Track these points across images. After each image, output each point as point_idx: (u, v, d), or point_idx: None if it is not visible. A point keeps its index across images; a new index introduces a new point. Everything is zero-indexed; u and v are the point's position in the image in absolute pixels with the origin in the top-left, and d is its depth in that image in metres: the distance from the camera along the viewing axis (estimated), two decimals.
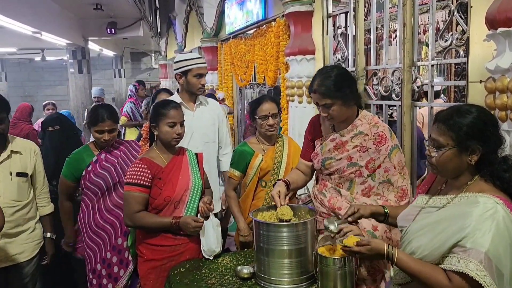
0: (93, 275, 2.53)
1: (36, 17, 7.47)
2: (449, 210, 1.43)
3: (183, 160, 2.31)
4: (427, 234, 1.43)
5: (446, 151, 1.41)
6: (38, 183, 2.56)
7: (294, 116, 3.88)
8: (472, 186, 1.43)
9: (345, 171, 2.03)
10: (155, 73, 16.51)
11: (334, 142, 2.06)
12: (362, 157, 2.00)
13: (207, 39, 6.65)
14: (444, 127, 1.41)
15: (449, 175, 1.48)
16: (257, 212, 2.03)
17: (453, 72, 4.95)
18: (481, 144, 1.38)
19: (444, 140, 1.41)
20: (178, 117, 2.22)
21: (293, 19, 3.74)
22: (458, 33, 2.41)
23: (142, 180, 2.14)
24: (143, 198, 2.15)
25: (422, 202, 1.57)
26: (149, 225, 2.15)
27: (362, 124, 2.04)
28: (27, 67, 16.00)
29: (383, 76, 3.06)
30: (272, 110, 2.54)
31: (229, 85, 6.23)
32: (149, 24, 10.37)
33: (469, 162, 1.40)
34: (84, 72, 10.07)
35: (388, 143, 2.01)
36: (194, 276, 2.00)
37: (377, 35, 4.29)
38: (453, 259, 1.34)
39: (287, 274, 1.84)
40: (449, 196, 1.47)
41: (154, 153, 2.25)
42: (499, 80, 1.86)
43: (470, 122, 1.39)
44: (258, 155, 2.57)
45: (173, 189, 2.19)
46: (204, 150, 2.79)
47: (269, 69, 4.51)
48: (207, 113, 2.93)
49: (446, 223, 1.39)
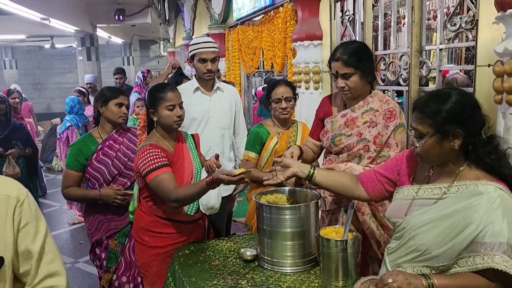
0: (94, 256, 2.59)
1: (44, 3, 7.49)
2: (451, 203, 1.39)
3: (185, 146, 2.28)
4: (432, 230, 1.39)
5: (427, 139, 1.39)
6: None
7: (301, 102, 3.85)
8: (465, 172, 1.40)
9: (354, 147, 2.05)
10: (164, 60, 16.53)
11: (344, 118, 2.10)
12: (371, 132, 2.03)
13: (215, 25, 6.62)
14: (421, 115, 1.39)
15: (436, 162, 1.45)
16: (260, 195, 2.04)
17: (463, 59, 4.87)
18: (461, 128, 1.34)
19: (423, 129, 1.39)
20: (176, 99, 2.16)
21: (301, 4, 3.71)
22: (467, 16, 2.37)
23: (163, 162, 2.06)
24: (173, 175, 2.08)
25: (411, 194, 1.52)
26: (190, 195, 2.03)
27: (373, 101, 2.07)
28: (37, 55, 16.10)
29: (390, 61, 3.02)
30: (285, 93, 2.54)
31: (236, 72, 6.21)
32: (157, 11, 10.34)
33: (453, 147, 1.37)
34: (93, 59, 10.12)
35: (396, 119, 2.03)
36: (198, 258, 2.02)
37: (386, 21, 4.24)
38: (476, 259, 1.30)
39: (289, 256, 1.85)
40: (442, 185, 1.44)
41: (158, 140, 2.18)
42: (508, 63, 1.83)
43: (447, 107, 1.36)
44: (273, 137, 2.59)
45: (181, 178, 2.16)
46: (219, 136, 2.84)
47: (276, 55, 4.49)
48: (224, 99, 2.90)
49: (453, 218, 1.35)
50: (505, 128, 1.87)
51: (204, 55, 2.74)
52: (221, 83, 2.98)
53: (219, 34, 6.60)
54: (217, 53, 2.81)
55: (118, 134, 2.57)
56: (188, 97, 2.83)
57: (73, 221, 5.17)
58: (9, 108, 3.93)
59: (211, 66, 2.76)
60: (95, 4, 9.88)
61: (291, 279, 1.79)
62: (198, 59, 2.76)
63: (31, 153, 4.05)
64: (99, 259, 2.58)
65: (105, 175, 2.50)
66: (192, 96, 2.84)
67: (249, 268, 1.90)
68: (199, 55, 2.75)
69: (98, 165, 2.49)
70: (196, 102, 2.84)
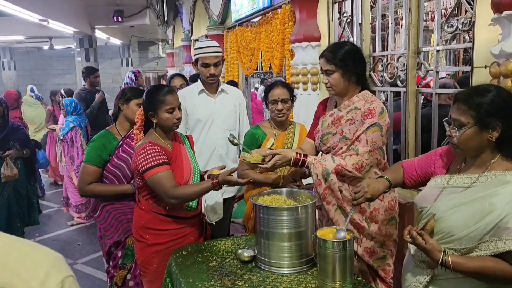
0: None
1: (43, 4, 7.49)
2: (478, 190, 1.45)
3: (182, 146, 2.31)
4: (458, 214, 1.45)
5: (467, 129, 1.45)
6: None
7: (299, 104, 3.85)
8: (496, 164, 1.47)
9: (336, 145, 2.09)
10: (162, 62, 16.52)
11: (332, 117, 2.15)
12: (350, 130, 2.06)
13: (214, 27, 6.62)
14: (465, 106, 1.45)
15: (471, 153, 1.51)
16: (258, 196, 2.05)
17: (461, 60, 4.89)
18: (500, 121, 1.42)
19: (465, 119, 1.45)
20: (176, 101, 2.20)
21: (299, 6, 3.71)
22: (464, 18, 2.38)
23: (163, 160, 2.10)
24: (172, 174, 2.12)
25: (443, 183, 1.59)
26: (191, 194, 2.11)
27: (359, 101, 2.10)
28: (36, 56, 16.09)
29: (388, 63, 3.03)
30: (282, 95, 2.53)
31: (235, 73, 6.21)
32: (156, 12, 10.34)
33: (490, 139, 1.44)
34: (91, 61, 10.10)
35: (373, 118, 2.02)
36: (195, 259, 2.03)
37: (384, 22, 4.25)
38: (498, 243, 1.35)
39: (287, 257, 1.86)
40: (472, 175, 1.50)
41: (156, 139, 2.21)
42: (504, 64, 1.84)
43: (489, 100, 1.42)
44: (269, 138, 2.58)
45: (181, 175, 2.19)
46: (224, 138, 2.84)
47: (275, 56, 4.49)
48: (229, 100, 2.93)
49: (479, 204, 1.41)
50: None
51: (207, 60, 2.76)
52: (225, 85, 3.00)
53: (218, 35, 6.60)
54: (220, 57, 2.83)
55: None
56: (193, 99, 2.89)
57: (71, 223, 5.17)
58: (7, 110, 3.93)
59: (214, 70, 2.78)
60: (94, 5, 9.88)
61: (288, 279, 1.79)
62: (201, 63, 2.79)
63: (29, 154, 4.05)
64: (115, 258, 2.55)
65: (125, 172, 2.49)
66: (196, 98, 2.88)
67: (246, 269, 1.90)
68: (202, 60, 2.77)
69: (118, 161, 2.49)
70: (201, 104, 2.87)
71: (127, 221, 2.49)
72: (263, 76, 7.55)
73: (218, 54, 2.81)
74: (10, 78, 14.81)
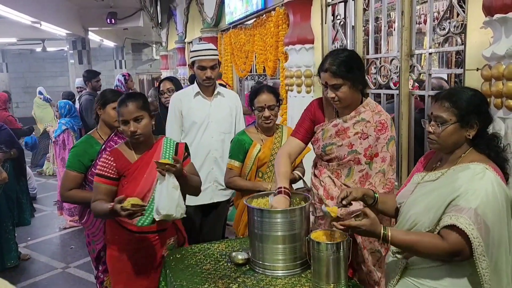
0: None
1: (35, 6, 7.45)
2: (442, 179, 1.56)
3: (156, 152, 2.16)
4: (422, 202, 1.55)
5: (448, 126, 1.52)
6: None
7: (293, 106, 3.87)
8: (465, 157, 1.55)
9: (344, 157, 2.03)
10: (156, 64, 16.48)
11: (336, 128, 2.06)
12: (362, 144, 2.01)
13: (207, 29, 6.62)
14: (448, 104, 1.53)
15: (448, 149, 1.58)
16: (251, 199, 2.04)
17: (454, 62, 4.92)
18: (478, 120, 1.51)
19: (447, 116, 1.52)
20: (128, 114, 2.04)
21: (292, 8, 3.72)
22: (456, 21, 2.40)
23: (108, 173, 2.07)
24: (109, 190, 2.08)
25: (418, 179, 1.67)
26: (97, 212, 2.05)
27: (365, 111, 2.04)
28: (28, 58, 15.97)
29: (381, 65, 3.04)
30: (268, 101, 2.47)
31: (229, 75, 6.21)
32: (150, 14, 10.33)
33: (468, 137, 1.53)
34: (84, 63, 10.07)
35: (388, 132, 2.02)
36: (189, 262, 2.02)
37: (377, 25, 4.27)
38: (445, 218, 1.44)
39: (281, 259, 1.85)
40: (443, 170, 1.59)
41: (123, 147, 2.15)
42: (495, 67, 1.85)
43: (469, 99, 1.51)
44: (256, 144, 2.52)
45: (133, 190, 2.06)
46: (219, 140, 2.86)
47: (268, 59, 4.50)
48: (224, 104, 2.92)
49: (440, 189, 1.51)
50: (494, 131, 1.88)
51: (203, 62, 2.76)
52: (221, 88, 2.99)
53: (212, 37, 6.59)
54: (217, 60, 2.83)
55: (118, 137, 2.51)
56: (189, 102, 2.88)
57: (64, 226, 5.13)
58: None
59: (210, 73, 2.78)
60: (87, 7, 9.84)
61: (282, 282, 1.79)
62: (198, 66, 2.78)
63: (16, 154, 4.01)
64: (104, 263, 2.44)
65: None
66: (192, 101, 2.87)
67: (240, 272, 1.90)
68: (199, 63, 2.77)
69: None
70: (197, 106, 2.86)
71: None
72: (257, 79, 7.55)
73: (215, 57, 2.81)
74: (2, 80, 14.68)
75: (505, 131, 1.84)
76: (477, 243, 1.37)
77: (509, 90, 1.78)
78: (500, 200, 1.41)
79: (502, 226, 1.42)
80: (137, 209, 1.85)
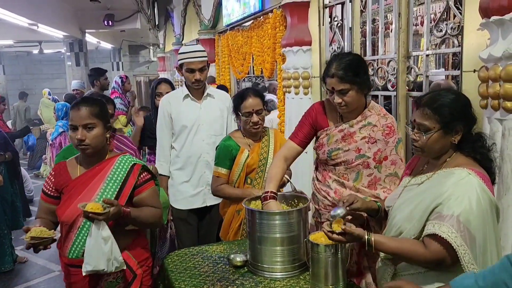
0: None
1: (32, 8, 7.44)
2: (426, 184, 1.55)
3: (104, 170, 1.89)
4: (407, 207, 1.55)
5: (433, 133, 1.50)
6: None
7: (291, 108, 3.88)
8: (449, 162, 1.54)
9: (352, 162, 2.01)
10: (154, 66, 16.43)
11: (342, 133, 2.03)
12: (371, 148, 2.00)
13: (205, 31, 6.61)
14: (429, 111, 1.50)
15: (435, 155, 1.57)
16: (250, 201, 2.04)
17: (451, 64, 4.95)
18: (462, 124, 1.49)
19: (430, 124, 1.50)
20: (78, 119, 1.82)
21: (290, 10, 3.73)
22: (453, 22, 2.41)
23: (47, 189, 1.91)
24: (48, 208, 1.90)
25: (405, 182, 1.67)
26: None
27: (371, 115, 2.03)
28: (25, 60, 15.93)
29: (378, 67, 3.05)
30: (256, 106, 2.37)
31: (226, 77, 6.21)
32: (147, 16, 10.32)
33: (453, 142, 1.51)
34: (81, 65, 10.06)
35: (395, 135, 2.03)
36: (187, 264, 2.01)
37: (375, 27, 4.29)
38: (428, 226, 1.43)
39: (279, 261, 1.85)
40: (428, 174, 1.58)
41: (74, 159, 1.96)
42: (492, 69, 1.86)
43: (451, 104, 1.49)
44: (244, 150, 2.42)
45: (63, 211, 1.85)
46: (211, 143, 2.80)
47: (266, 61, 4.50)
48: (215, 105, 2.87)
49: (424, 195, 1.51)
50: (491, 133, 1.89)
51: (192, 65, 2.71)
52: (211, 89, 2.95)
53: (209, 39, 6.60)
54: (206, 62, 2.77)
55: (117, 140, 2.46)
56: (178, 105, 2.83)
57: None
58: None
59: (199, 75, 2.73)
60: (84, 9, 9.83)
61: (281, 284, 1.79)
62: (186, 68, 2.74)
63: (11, 157, 4.00)
64: None
65: None
66: (181, 104, 2.83)
67: (238, 274, 1.90)
68: (187, 65, 2.72)
69: None
70: (186, 109, 2.82)
71: None
72: (254, 80, 7.57)
73: (204, 59, 2.75)
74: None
75: (503, 133, 1.84)
76: (463, 251, 1.35)
77: (506, 92, 1.78)
78: (484, 205, 1.39)
79: (487, 232, 1.40)
80: (36, 242, 1.65)
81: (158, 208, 1.99)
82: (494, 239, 1.43)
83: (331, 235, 1.56)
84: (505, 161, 1.81)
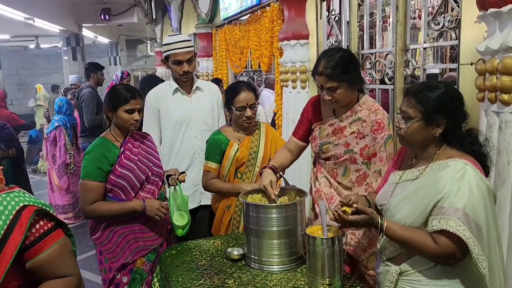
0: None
1: (28, 2, 7.39)
2: (423, 179, 1.52)
3: None
4: (408, 204, 1.52)
5: (413, 122, 1.50)
6: None
7: (288, 102, 3.87)
8: (440, 154, 1.52)
9: (341, 157, 2.03)
10: (151, 60, 16.39)
11: (332, 127, 2.05)
12: (358, 144, 2.00)
13: (202, 25, 6.59)
14: (414, 100, 1.51)
15: (416, 146, 1.58)
16: (246, 195, 2.04)
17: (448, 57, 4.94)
18: (446, 118, 1.47)
19: (413, 113, 1.50)
20: None
21: (287, 4, 3.71)
22: (450, 15, 2.40)
23: None
24: None
25: (396, 179, 1.64)
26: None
27: (361, 110, 2.02)
28: (22, 55, 15.85)
29: (376, 60, 3.05)
30: (250, 100, 2.33)
31: (224, 71, 6.20)
32: (144, 10, 10.27)
33: (434, 135, 1.50)
34: (78, 59, 10.02)
35: (384, 132, 2.01)
36: (184, 258, 2.01)
37: (372, 20, 4.27)
38: (433, 221, 1.42)
39: (276, 255, 1.86)
40: (420, 168, 1.56)
41: None
42: (489, 61, 1.85)
43: (437, 96, 1.48)
44: (233, 144, 2.38)
45: None
46: (202, 139, 2.62)
47: (263, 55, 4.49)
48: (205, 99, 2.73)
49: (423, 191, 1.48)
50: (488, 126, 1.89)
51: (179, 56, 2.55)
52: (200, 81, 2.81)
53: (206, 33, 6.58)
54: (193, 52, 2.62)
55: (135, 139, 2.28)
56: (166, 100, 2.67)
57: None
58: None
59: (187, 67, 2.57)
60: (81, 4, 9.78)
61: (278, 277, 1.79)
62: (173, 60, 2.57)
63: (15, 154, 3.99)
64: (118, 285, 2.19)
65: (132, 182, 2.15)
66: (170, 99, 2.67)
67: (236, 267, 1.90)
68: (174, 57, 2.56)
69: (123, 170, 2.13)
70: (176, 104, 2.67)
71: (136, 240, 2.19)
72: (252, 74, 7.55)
73: (191, 49, 2.59)
74: None
75: (499, 125, 1.84)
76: (472, 243, 1.35)
77: (503, 84, 1.78)
78: (484, 194, 1.40)
79: (489, 221, 1.41)
80: None
81: (71, 276, 1.37)
82: (495, 227, 1.44)
83: (346, 217, 1.55)
84: (502, 154, 1.81)
